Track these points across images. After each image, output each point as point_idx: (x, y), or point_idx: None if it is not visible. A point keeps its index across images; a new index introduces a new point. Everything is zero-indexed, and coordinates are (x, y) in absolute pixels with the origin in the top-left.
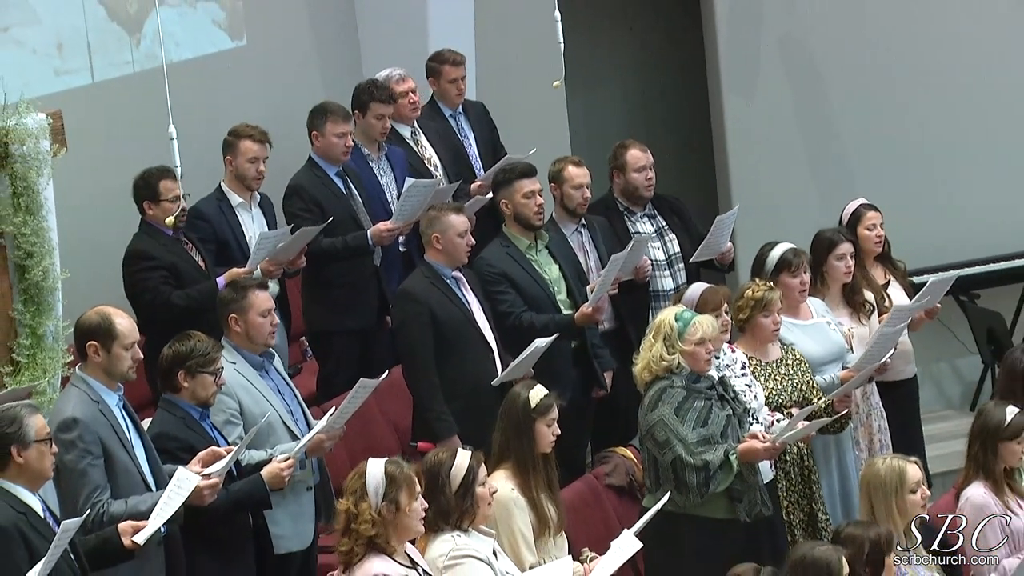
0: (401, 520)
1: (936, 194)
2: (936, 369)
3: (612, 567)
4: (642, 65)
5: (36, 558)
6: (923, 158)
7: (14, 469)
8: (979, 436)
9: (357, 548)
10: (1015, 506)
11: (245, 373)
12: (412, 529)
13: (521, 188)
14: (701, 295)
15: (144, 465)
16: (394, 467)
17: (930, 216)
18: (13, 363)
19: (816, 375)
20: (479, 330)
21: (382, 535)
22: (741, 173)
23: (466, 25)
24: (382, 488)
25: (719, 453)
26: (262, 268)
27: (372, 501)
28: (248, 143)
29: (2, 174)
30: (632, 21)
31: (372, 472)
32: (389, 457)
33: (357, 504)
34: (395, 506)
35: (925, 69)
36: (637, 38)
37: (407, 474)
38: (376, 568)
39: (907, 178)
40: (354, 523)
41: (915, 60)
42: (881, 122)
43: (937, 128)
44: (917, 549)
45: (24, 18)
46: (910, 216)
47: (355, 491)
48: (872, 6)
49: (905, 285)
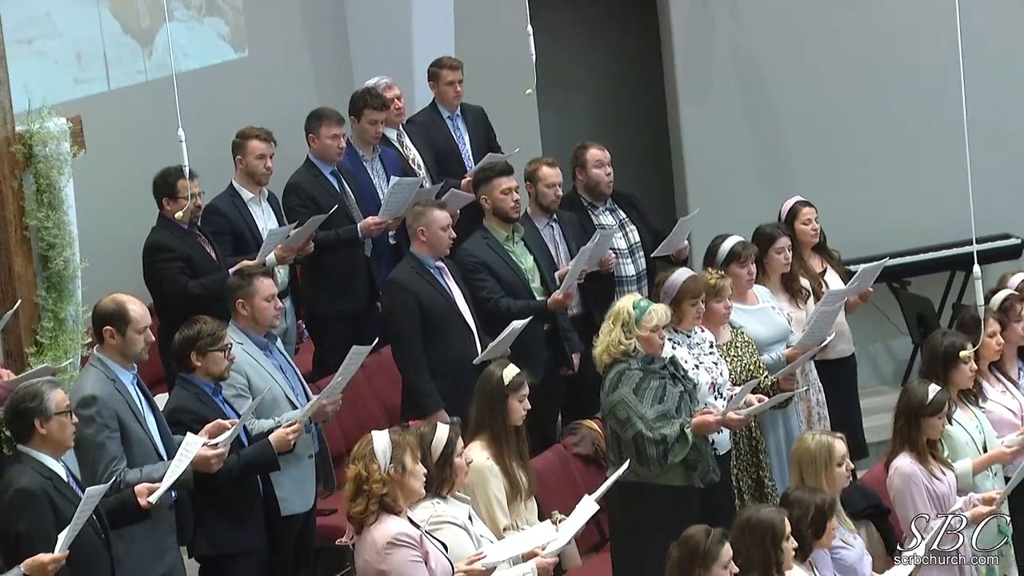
0: (407, 481)
1: (870, 190)
2: (872, 349)
3: (575, 528)
4: (607, 75)
5: (61, 518)
6: (858, 157)
7: (38, 439)
8: (904, 412)
9: (371, 507)
10: (939, 473)
11: (252, 352)
12: (416, 490)
13: (500, 185)
14: (684, 282)
15: (156, 437)
16: (397, 435)
17: (865, 210)
18: (37, 344)
19: (764, 354)
20: (461, 315)
21: (391, 494)
22: (695, 171)
23: (447, 37)
24: (389, 451)
25: (675, 427)
26: (277, 255)
27: (381, 463)
28: (255, 142)
29: (27, 173)
30: (598, 35)
31: (379, 439)
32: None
33: (367, 467)
34: (402, 467)
35: (858, 77)
36: (602, 51)
37: (408, 440)
38: (396, 527)
39: (844, 175)
40: (366, 484)
41: (849, 69)
42: (820, 125)
43: (870, 131)
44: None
45: (46, 32)
46: (846, 210)
47: (364, 456)
48: (811, 22)
49: (841, 272)
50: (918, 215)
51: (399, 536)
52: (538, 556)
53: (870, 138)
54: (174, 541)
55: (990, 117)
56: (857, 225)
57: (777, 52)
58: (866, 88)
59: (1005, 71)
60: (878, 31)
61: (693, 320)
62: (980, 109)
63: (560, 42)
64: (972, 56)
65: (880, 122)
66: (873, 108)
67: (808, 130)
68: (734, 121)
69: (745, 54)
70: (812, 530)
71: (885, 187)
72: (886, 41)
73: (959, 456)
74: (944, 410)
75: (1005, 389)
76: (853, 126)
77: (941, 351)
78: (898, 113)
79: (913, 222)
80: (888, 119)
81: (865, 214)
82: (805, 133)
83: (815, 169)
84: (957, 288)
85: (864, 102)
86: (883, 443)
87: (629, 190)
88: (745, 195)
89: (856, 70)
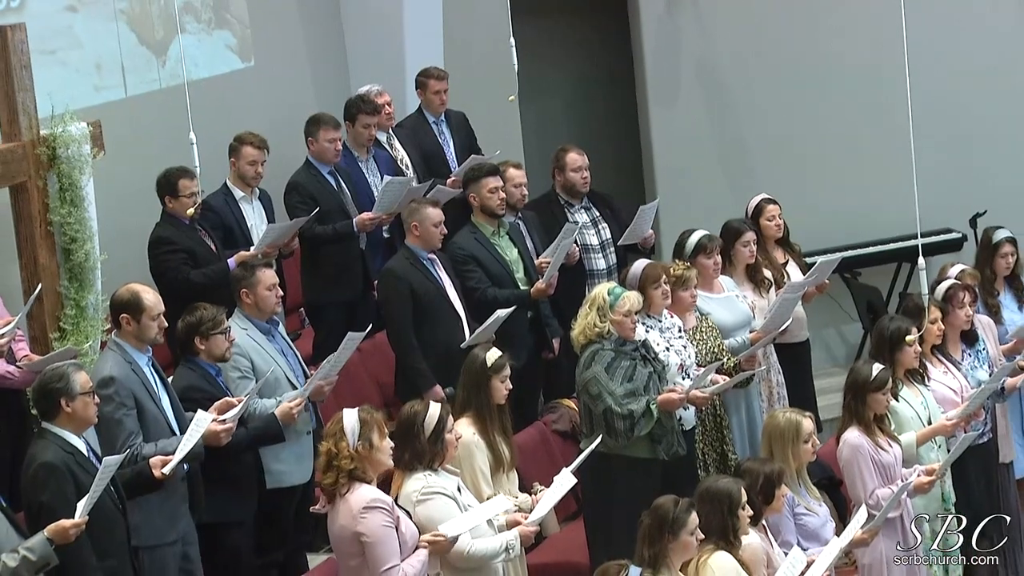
0: (374, 456)
1: (824, 188)
2: (825, 334)
3: (553, 500)
4: (582, 82)
5: (81, 489)
6: (813, 158)
7: (63, 417)
8: (851, 389)
9: (341, 479)
10: (885, 445)
11: (255, 338)
12: (383, 463)
13: (487, 184)
14: (643, 270)
15: (170, 414)
16: (365, 413)
17: (819, 206)
18: (60, 330)
19: (729, 338)
20: (450, 302)
21: (360, 468)
22: (664, 171)
23: (436, 49)
24: (357, 430)
25: (642, 404)
26: (263, 251)
27: (350, 440)
28: (249, 148)
29: (51, 173)
30: (574, 47)
31: (348, 418)
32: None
33: (337, 444)
34: (369, 444)
35: (814, 84)
36: (578, 61)
37: (376, 418)
38: (370, 493)
39: (800, 174)
40: (336, 460)
41: (806, 76)
42: (779, 128)
43: (825, 134)
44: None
45: (68, 43)
46: (805, 206)
47: (334, 434)
48: (770, 33)
49: (801, 264)
50: (868, 212)
51: (374, 501)
52: (521, 525)
53: (825, 141)
54: (186, 510)
55: (934, 122)
56: (812, 220)
57: (738, 61)
58: (821, 94)
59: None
60: (831, 40)
61: (661, 303)
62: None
63: (540, 53)
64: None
65: (834, 126)
66: (827, 113)
67: (768, 132)
68: (699, 124)
69: (709, 63)
70: (762, 497)
71: (838, 186)
72: (839, 49)
73: (906, 430)
74: (887, 386)
75: (947, 370)
76: (809, 130)
77: (888, 335)
78: (850, 118)
79: (864, 218)
80: (841, 123)
81: (819, 210)
82: (765, 135)
83: (774, 168)
84: (903, 278)
85: (819, 108)
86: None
87: (603, 187)
88: (709, 192)
89: (812, 77)
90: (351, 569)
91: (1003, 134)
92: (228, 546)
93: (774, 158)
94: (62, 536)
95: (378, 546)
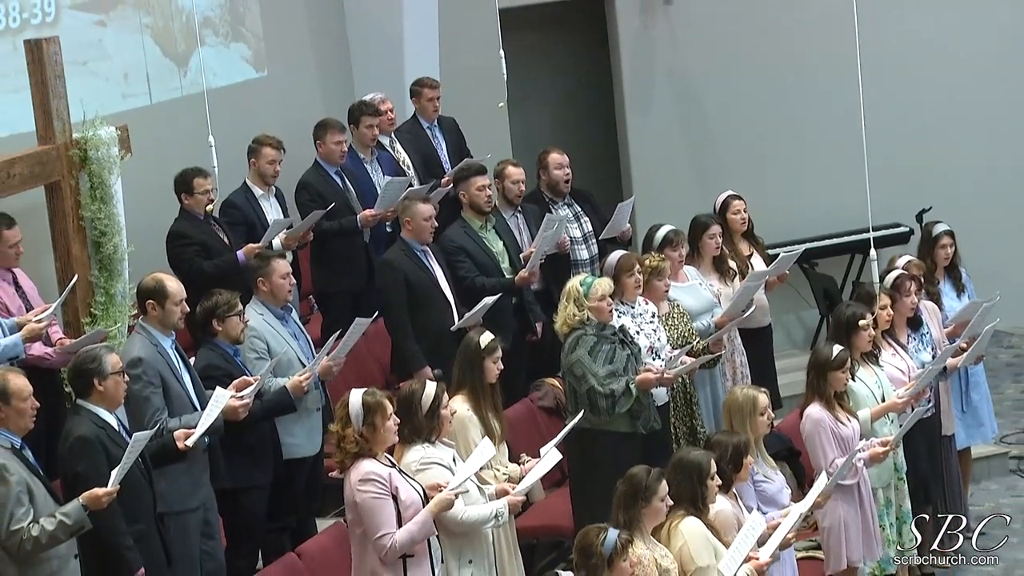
0: (378, 437)
1: (785, 185)
2: (785, 319)
3: (539, 473)
4: (566, 90)
5: (112, 460)
6: (774, 158)
7: (96, 395)
8: (813, 367)
9: (347, 460)
10: (844, 419)
11: (271, 322)
12: (388, 441)
13: (475, 183)
14: (618, 260)
15: (192, 392)
16: (370, 396)
17: (782, 203)
18: (91, 315)
19: (694, 322)
20: (442, 290)
21: (363, 448)
22: (639, 171)
23: (432, 59)
24: (361, 416)
25: (622, 384)
26: (283, 243)
27: (355, 425)
28: (268, 149)
29: (82, 173)
30: (558, 58)
31: (353, 403)
32: (366, 388)
33: (343, 429)
34: (373, 427)
35: (775, 91)
36: (562, 71)
37: (380, 401)
38: (367, 467)
39: (763, 173)
40: (342, 443)
41: (768, 84)
42: (744, 132)
43: (785, 136)
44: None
45: (98, 55)
46: (768, 202)
47: (342, 418)
48: (735, 46)
49: (764, 256)
50: (825, 207)
51: (368, 474)
52: (510, 494)
53: (785, 142)
54: (207, 479)
55: (885, 122)
56: (774, 215)
57: (708, 71)
58: (783, 102)
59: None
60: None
61: (634, 290)
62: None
63: (527, 64)
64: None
65: (794, 130)
66: (789, 118)
67: (733, 136)
68: (671, 128)
69: (681, 72)
70: (731, 466)
71: (798, 183)
72: (799, 62)
73: (862, 407)
74: (846, 365)
75: (896, 352)
76: (772, 133)
77: (844, 319)
78: (809, 122)
79: (821, 213)
80: (801, 127)
81: (780, 205)
82: (731, 138)
83: (739, 168)
84: (856, 268)
85: (781, 113)
86: (795, 396)
87: (584, 187)
88: (680, 189)
89: (775, 85)
90: (358, 537)
91: (948, 137)
92: (247, 508)
93: (739, 159)
94: (96, 503)
95: (371, 515)
